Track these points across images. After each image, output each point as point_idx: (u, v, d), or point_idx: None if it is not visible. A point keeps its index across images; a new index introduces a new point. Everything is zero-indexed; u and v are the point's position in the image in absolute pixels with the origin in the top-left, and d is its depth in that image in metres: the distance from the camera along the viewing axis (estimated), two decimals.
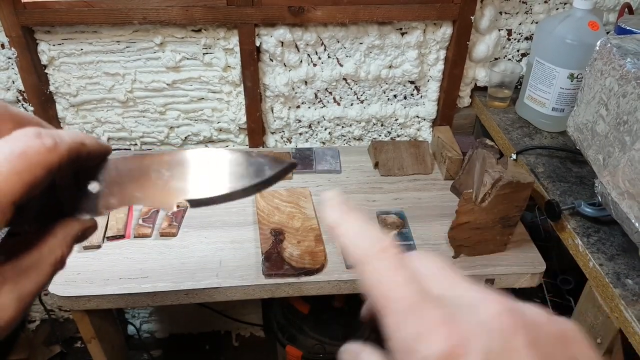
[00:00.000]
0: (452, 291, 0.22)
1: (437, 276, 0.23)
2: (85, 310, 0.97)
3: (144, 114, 1.26)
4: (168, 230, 1.04)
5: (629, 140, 0.76)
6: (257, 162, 0.30)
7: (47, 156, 0.25)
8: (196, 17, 1.09)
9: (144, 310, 1.64)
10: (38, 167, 0.25)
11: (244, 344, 1.70)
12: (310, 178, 1.21)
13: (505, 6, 1.22)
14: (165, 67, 1.19)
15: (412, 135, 1.38)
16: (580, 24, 1.05)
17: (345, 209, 0.25)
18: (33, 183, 0.24)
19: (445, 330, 0.19)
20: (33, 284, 0.27)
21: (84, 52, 1.16)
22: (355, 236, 0.24)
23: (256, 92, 1.22)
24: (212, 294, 0.94)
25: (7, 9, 1.05)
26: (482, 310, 0.20)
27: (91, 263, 0.98)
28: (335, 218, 0.25)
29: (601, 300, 0.81)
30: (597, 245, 0.86)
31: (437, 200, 1.14)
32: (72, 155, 0.27)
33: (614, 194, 0.78)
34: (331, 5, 1.11)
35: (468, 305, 0.21)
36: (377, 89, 1.28)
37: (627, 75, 0.78)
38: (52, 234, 0.29)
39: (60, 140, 0.26)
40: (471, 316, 0.20)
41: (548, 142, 1.14)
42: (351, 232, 0.24)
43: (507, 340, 0.19)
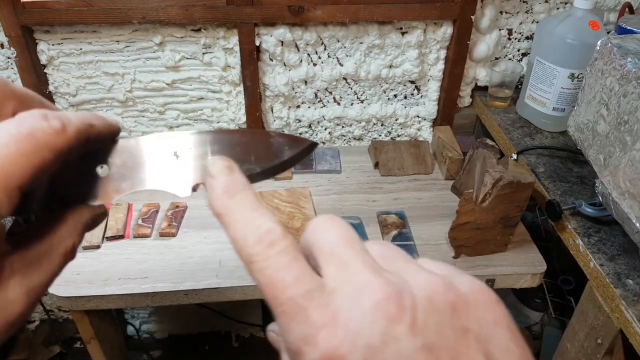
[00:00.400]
0: (344, 273, 0.21)
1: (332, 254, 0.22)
2: (85, 311, 0.97)
3: (144, 114, 1.26)
4: (168, 230, 1.04)
5: (630, 140, 0.76)
6: (276, 142, 0.29)
7: (55, 139, 0.24)
8: (196, 16, 1.09)
9: (144, 310, 1.64)
10: (46, 150, 0.23)
11: (243, 344, 1.70)
12: (310, 178, 1.21)
13: (505, 6, 1.22)
14: (164, 66, 1.18)
15: (412, 135, 1.37)
16: (580, 23, 1.05)
17: (232, 189, 0.24)
18: (41, 166, 0.23)
19: (327, 332, 0.19)
20: (43, 276, 0.25)
21: (83, 51, 1.15)
22: (241, 229, 0.22)
23: (256, 92, 1.22)
24: (212, 294, 0.94)
25: (6, 9, 1.05)
26: (366, 300, 0.19)
27: (91, 263, 0.98)
28: (221, 205, 0.24)
29: (602, 301, 0.81)
30: (598, 246, 0.85)
31: (437, 200, 1.14)
32: (81, 137, 0.25)
33: (615, 194, 0.77)
34: (331, 5, 1.11)
35: (354, 293, 0.20)
36: (377, 88, 1.28)
37: (628, 75, 0.78)
38: (62, 222, 0.27)
39: (69, 122, 0.25)
40: (355, 309, 0.19)
41: (549, 142, 1.13)
42: (237, 223, 0.23)
43: (387, 332, 0.19)
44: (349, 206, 1.12)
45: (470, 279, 0.22)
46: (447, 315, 0.20)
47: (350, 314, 0.19)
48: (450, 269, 0.23)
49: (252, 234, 0.22)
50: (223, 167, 0.25)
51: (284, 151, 0.28)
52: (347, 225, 0.23)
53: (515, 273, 0.97)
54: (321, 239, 0.22)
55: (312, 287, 0.20)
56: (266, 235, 0.22)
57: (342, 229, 0.23)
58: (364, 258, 0.21)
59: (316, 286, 0.21)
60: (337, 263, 0.21)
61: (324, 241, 0.22)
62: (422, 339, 0.19)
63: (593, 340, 0.84)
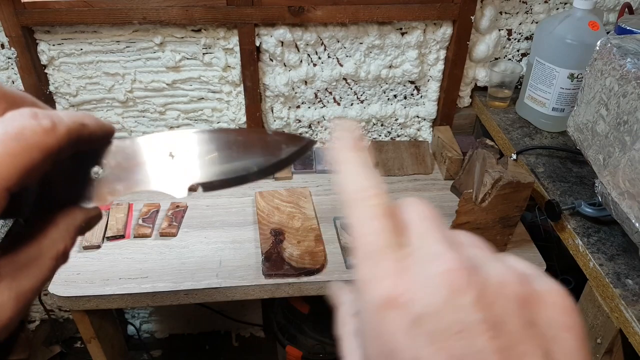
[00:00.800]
0: (422, 241, 0.22)
1: (417, 226, 0.23)
2: (85, 311, 0.97)
3: (144, 114, 1.26)
4: (168, 230, 1.04)
5: (629, 140, 0.76)
6: (273, 141, 0.28)
7: (45, 138, 0.23)
8: (196, 17, 1.09)
9: (144, 310, 1.64)
10: (35, 150, 0.23)
11: (244, 344, 1.70)
12: (310, 178, 1.21)
13: (505, 6, 1.22)
14: (165, 67, 1.19)
15: (412, 135, 1.38)
16: (580, 23, 1.05)
17: (350, 146, 0.25)
18: (29, 167, 0.23)
19: (392, 280, 0.20)
20: (33, 280, 0.25)
21: (83, 52, 1.16)
22: (348, 178, 0.24)
23: (256, 92, 1.22)
24: (212, 294, 0.94)
25: (7, 9, 1.05)
26: (435, 266, 0.20)
27: (91, 263, 0.98)
28: (338, 156, 0.25)
29: (601, 300, 0.81)
30: (597, 245, 0.86)
31: (437, 200, 1.14)
32: (72, 137, 0.25)
33: (614, 194, 0.78)
34: (331, 5, 1.11)
35: (427, 259, 0.21)
36: (377, 89, 1.28)
37: (627, 75, 0.78)
38: (53, 225, 0.26)
39: (59, 121, 0.24)
40: (423, 270, 0.20)
41: (548, 142, 1.14)
42: (347, 174, 0.25)
43: (449, 299, 0.19)
44: None
45: (550, 281, 0.22)
46: (516, 305, 0.20)
47: (418, 275, 0.20)
48: (535, 270, 0.23)
49: (357, 183, 0.24)
50: (351, 126, 0.26)
51: (281, 149, 0.28)
52: (436, 211, 0.24)
53: None
54: (411, 211, 0.24)
55: (392, 242, 0.22)
56: (368, 188, 0.24)
57: (432, 210, 0.24)
58: (445, 234, 0.22)
59: (395, 243, 0.22)
60: (419, 232, 0.23)
61: (413, 213, 0.24)
62: (485, 315, 0.19)
63: (592, 340, 0.84)
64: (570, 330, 0.20)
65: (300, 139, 0.29)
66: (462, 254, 0.21)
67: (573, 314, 0.21)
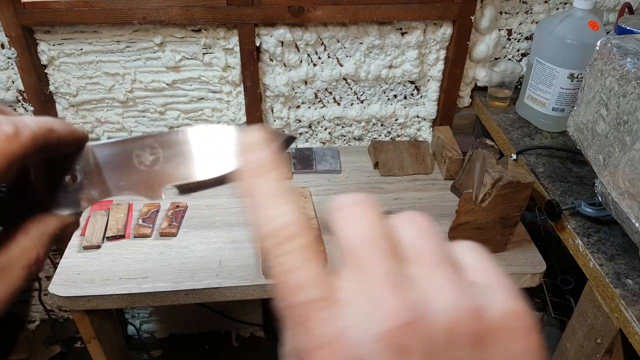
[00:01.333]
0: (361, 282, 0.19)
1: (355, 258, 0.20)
2: (85, 311, 0.97)
3: (144, 114, 1.26)
4: (168, 230, 1.04)
5: (629, 140, 0.76)
6: None
7: (7, 145, 0.22)
8: (196, 17, 1.09)
9: (144, 310, 1.64)
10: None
11: (244, 344, 1.70)
12: (310, 178, 1.21)
13: (505, 6, 1.22)
14: (165, 67, 1.19)
15: (412, 135, 1.38)
16: (580, 24, 1.05)
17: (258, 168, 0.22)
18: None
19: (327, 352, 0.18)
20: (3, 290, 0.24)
21: (83, 52, 1.16)
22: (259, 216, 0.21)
23: (256, 92, 1.22)
24: (212, 294, 0.94)
25: (7, 9, 1.05)
26: (377, 324, 0.17)
27: (91, 263, 0.98)
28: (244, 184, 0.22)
29: (601, 300, 0.81)
30: (597, 245, 0.86)
31: (437, 200, 1.14)
32: (39, 143, 0.24)
33: (614, 194, 0.78)
34: (331, 5, 1.11)
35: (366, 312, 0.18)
36: (377, 89, 1.28)
37: (627, 75, 0.78)
38: (24, 233, 0.25)
39: (24, 127, 0.23)
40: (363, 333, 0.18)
41: (548, 142, 1.14)
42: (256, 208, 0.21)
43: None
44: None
45: (507, 300, 0.19)
46: (465, 350, 0.18)
47: (356, 337, 0.18)
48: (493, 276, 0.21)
49: (268, 224, 0.20)
50: (255, 141, 0.23)
51: None
52: (377, 213, 0.21)
53: (514, 273, 0.97)
54: (345, 230, 0.21)
55: (322, 295, 0.19)
56: (281, 229, 0.20)
57: (370, 222, 0.21)
58: (387, 265, 0.19)
59: (327, 294, 0.19)
60: (357, 267, 0.19)
61: (348, 234, 0.20)
62: None
63: (592, 340, 0.84)
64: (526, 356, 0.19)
65: (279, 135, 0.27)
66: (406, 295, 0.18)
67: (529, 337, 0.19)
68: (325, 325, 0.18)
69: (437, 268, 0.20)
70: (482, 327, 0.18)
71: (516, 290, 0.20)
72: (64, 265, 0.97)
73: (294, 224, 0.20)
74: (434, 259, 0.20)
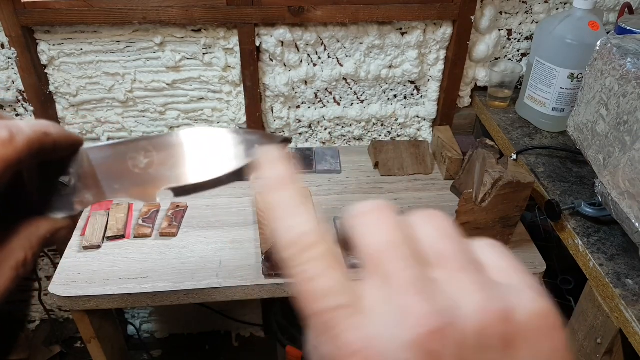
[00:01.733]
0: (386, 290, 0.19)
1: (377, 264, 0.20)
2: (85, 311, 0.97)
3: (144, 114, 1.26)
4: (168, 230, 1.04)
5: (629, 140, 0.76)
6: (246, 140, 0.27)
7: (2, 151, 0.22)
8: (196, 17, 1.09)
9: (144, 310, 1.64)
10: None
11: (244, 344, 1.70)
12: (310, 178, 1.21)
13: (505, 6, 1.22)
14: (165, 67, 1.19)
15: (412, 135, 1.38)
16: (580, 24, 1.05)
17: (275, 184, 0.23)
18: None
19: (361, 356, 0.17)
20: None
21: (83, 52, 1.16)
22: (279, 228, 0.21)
23: (256, 92, 1.22)
24: (212, 294, 0.94)
25: (7, 9, 1.05)
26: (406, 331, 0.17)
27: (91, 263, 0.98)
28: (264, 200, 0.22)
29: (601, 300, 0.81)
30: (597, 245, 0.86)
31: (437, 200, 1.14)
32: (34, 147, 0.24)
33: (614, 194, 0.78)
34: (331, 5, 1.11)
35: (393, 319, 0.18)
36: (377, 89, 1.28)
37: (628, 75, 0.78)
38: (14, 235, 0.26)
39: (18, 132, 0.23)
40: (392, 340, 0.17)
41: (548, 142, 1.14)
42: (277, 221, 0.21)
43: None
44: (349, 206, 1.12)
45: (533, 300, 0.19)
46: (495, 353, 0.18)
47: (386, 345, 0.17)
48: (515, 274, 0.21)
49: (288, 234, 0.21)
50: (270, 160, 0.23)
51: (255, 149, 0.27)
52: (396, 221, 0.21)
53: None
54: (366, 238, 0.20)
55: (345, 302, 0.19)
56: (300, 238, 0.20)
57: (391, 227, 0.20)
58: (411, 271, 0.19)
59: (351, 302, 0.19)
60: (380, 274, 0.19)
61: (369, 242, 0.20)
62: None
63: (592, 340, 0.84)
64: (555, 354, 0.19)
65: (274, 137, 0.27)
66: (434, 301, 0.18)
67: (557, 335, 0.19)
68: (352, 333, 0.18)
69: (462, 270, 0.20)
70: (511, 329, 0.18)
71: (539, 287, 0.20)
72: (64, 265, 0.97)
73: (313, 232, 0.20)
74: (457, 261, 0.20)
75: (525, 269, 0.21)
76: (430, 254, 0.20)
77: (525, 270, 0.21)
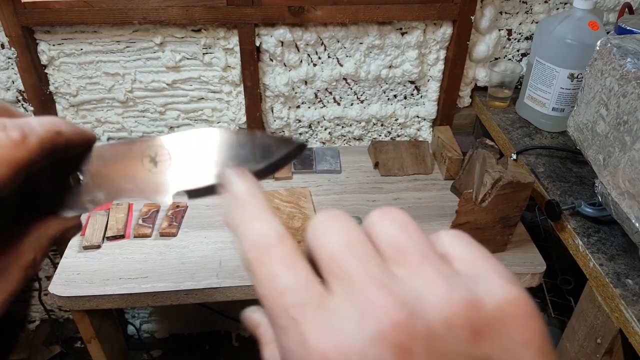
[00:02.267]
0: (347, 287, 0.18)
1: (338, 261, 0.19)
2: (85, 311, 0.97)
3: (144, 114, 1.26)
4: (168, 230, 1.04)
5: (629, 140, 0.76)
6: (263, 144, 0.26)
7: (14, 152, 0.22)
8: (196, 17, 1.09)
9: (144, 310, 1.64)
10: (3, 166, 0.21)
11: (244, 344, 1.70)
12: (310, 178, 1.21)
13: (505, 6, 1.22)
14: (165, 67, 1.19)
15: (412, 135, 1.38)
16: (580, 24, 1.05)
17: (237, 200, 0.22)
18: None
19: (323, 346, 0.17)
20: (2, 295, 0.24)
21: (83, 52, 1.16)
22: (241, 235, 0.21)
23: (256, 92, 1.22)
24: (212, 294, 0.94)
25: (7, 9, 1.05)
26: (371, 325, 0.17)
27: (91, 263, 0.98)
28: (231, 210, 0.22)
29: (601, 300, 0.81)
30: (597, 245, 0.86)
31: (437, 200, 1.14)
32: (46, 147, 0.23)
33: (614, 194, 0.78)
34: (331, 5, 1.11)
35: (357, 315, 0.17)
36: (377, 89, 1.28)
37: (628, 75, 0.78)
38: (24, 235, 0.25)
39: (30, 132, 0.22)
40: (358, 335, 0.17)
41: (548, 142, 1.14)
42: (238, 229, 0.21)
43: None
44: (349, 206, 1.12)
45: (502, 286, 0.19)
46: (465, 344, 0.17)
47: (352, 341, 0.17)
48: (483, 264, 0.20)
49: (249, 238, 0.20)
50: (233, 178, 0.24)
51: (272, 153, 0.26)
52: (350, 222, 0.21)
53: (514, 273, 0.96)
54: (321, 244, 0.20)
55: (309, 300, 0.18)
56: (261, 239, 0.20)
57: (345, 229, 0.20)
58: (370, 267, 0.19)
59: (315, 299, 0.18)
60: (340, 274, 0.19)
61: (324, 246, 0.20)
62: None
63: (592, 340, 0.84)
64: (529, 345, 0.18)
65: (290, 141, 0.27)
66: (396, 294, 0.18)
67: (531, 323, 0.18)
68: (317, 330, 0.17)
69: (423, 263, 0.19)
70: (480, 318, 0.17)
71: (510, 275, 0.19)
72: (64, 265, 0.97)
73: (272, 233, 0.20)
74: (418, 254, 0.20)
75: (494, 258, 0.21)
76: (389, 249, 0.20)
77: (494, 258, 0.21)
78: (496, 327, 0.18)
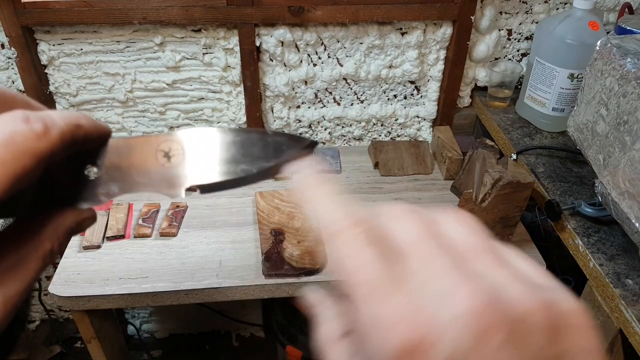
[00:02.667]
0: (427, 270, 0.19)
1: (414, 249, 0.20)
2: (85, 311, 0.97)
3: (144, 114, 1.26)
4: (168, 230, 1.04)
5: (629, 140, 0.76)
6: (274, 142, 0.27)
7: (37, 143, 0.22)
8: (196, 17, 1.09)
9: (144, 310, 1.64)
10: (26, 157, 0.22)
11: (244, 344, 1.70)
12: None
13: (505, 6, 1.22)
14: (165, 67, 1.19)
15: (412, 135, 1.38)
16: (580, 23, 1.05)
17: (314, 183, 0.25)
18: (20, 175, 0.21)
19: (408, 324, 0.18)
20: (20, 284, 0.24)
21: (83, 52, 1.16)
22: (320, 214, 0.23)
23: (256, 92, 1.22)
24: (212, 294, 0.94)
25: (7, 9, 1.05)
26: (457, 304, 0.18)
27: (91, 263, 0.98)
28: (305, 196, 0.24)
29: (601, 300, 0.81)
30: (597, 245, 0.86)
31: (437, 200, 1.14)
32: (66, 140, 0.24)
33: (614, 194, 0.78)
34: (331, 5, 1.11)
35: (441, 295, 0.18)
36: (377, 89, 1.28)
37: (627, 75, 0.78)
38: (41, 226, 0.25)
39: (52, 124, 0.23)
40: (444, 310, 0.18)
41: (548, 142, 1.14)
42: (317, 210, 0.23)
43: (481, 339, 0.17)
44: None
45: (570, 298, 0.20)
46: (545, 338, 0.18)
47: (438, 313, 0.18)
48: (548, 280, 0.21)
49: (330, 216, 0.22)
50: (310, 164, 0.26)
51: (283, 151, 0.27)
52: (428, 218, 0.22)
53: None
54: (401, 229, 0.21)
55: (389, 274, 0.19)
56: (343, 219, 0.22)
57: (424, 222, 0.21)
58: (451, 257, 0.20)
59: (394, 275, 0.19)
60: (420, 258, 0.20)
61: (404, 232, 0.21)
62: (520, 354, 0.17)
63: None
64: (593, 353, 0.19)
65: (301, 140, 0.28)
66: (478, 282, 0.18)
67: (594, 334, 0.19)
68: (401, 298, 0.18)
69: (497, 264, 0.20)
70: (556, 318, 0.18)
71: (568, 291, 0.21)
72: (64, 265, 0.97)
73: (356, 213, 0.22)
74: (493, 257, 0.21)
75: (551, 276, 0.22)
76: (464, 249, 0.21)
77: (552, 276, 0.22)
78: (568, 330, 0.19)
